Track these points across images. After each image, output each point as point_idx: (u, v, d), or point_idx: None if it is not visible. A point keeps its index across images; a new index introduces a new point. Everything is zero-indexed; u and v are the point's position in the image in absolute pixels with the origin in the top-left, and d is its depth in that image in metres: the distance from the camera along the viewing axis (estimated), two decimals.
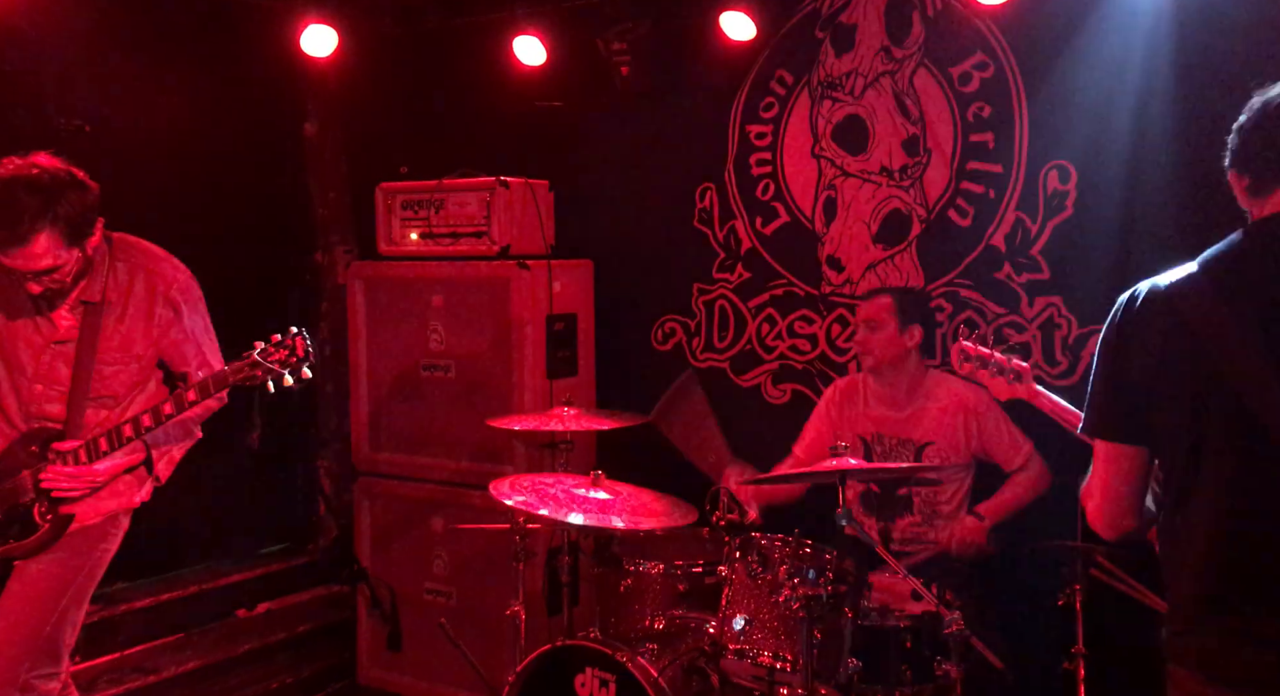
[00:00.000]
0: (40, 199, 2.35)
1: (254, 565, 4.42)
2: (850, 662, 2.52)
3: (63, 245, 2.41)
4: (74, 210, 2.40)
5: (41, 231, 2.36)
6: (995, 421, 3.17)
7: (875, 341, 3.21)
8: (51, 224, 2.37)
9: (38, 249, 2.37)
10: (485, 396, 3.92)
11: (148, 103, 3.98)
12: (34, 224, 2.34)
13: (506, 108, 4.30)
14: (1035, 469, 3.17)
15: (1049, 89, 3.37)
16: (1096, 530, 1.86)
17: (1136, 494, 1.79)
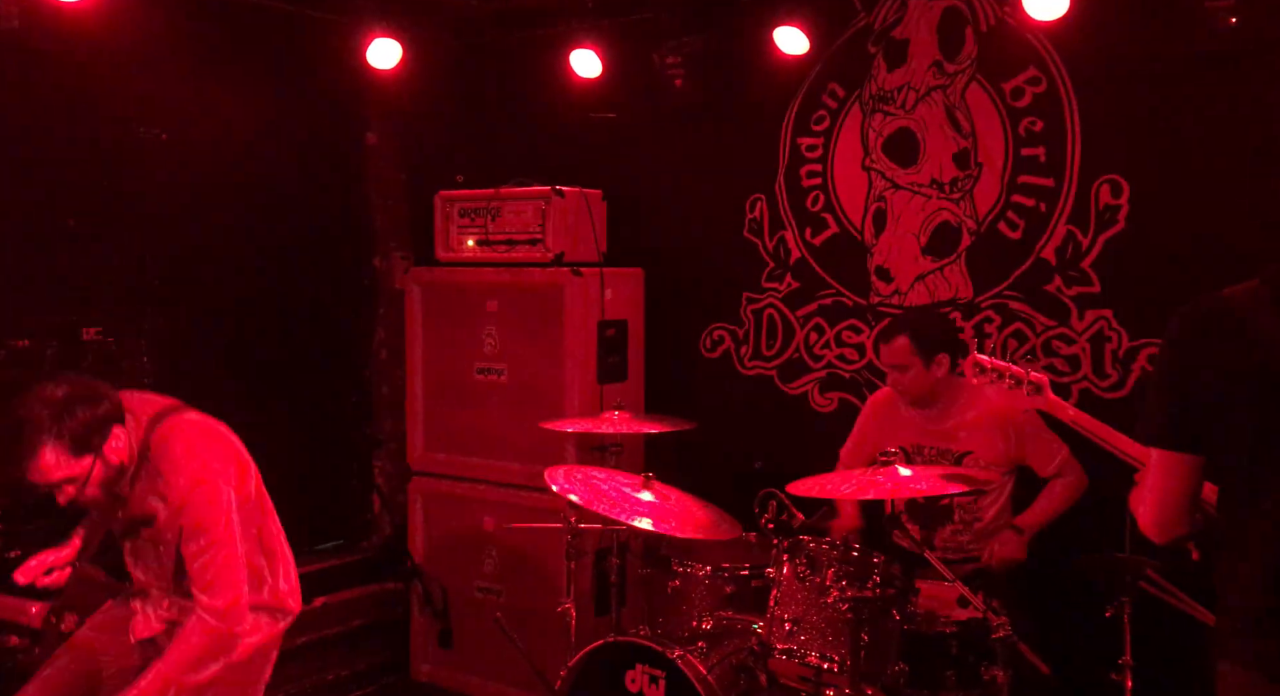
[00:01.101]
0: (48, 412, 2.43)
1: (310, 561, 4.52)
2: (897, 666, 2.56)
3: (69, 456, 2.44)
4: (79, 422, 2.44)
5: (45, 444, 2.42)
6: (1031, 427, 3.18)
7: (906, 381, 3.24)
8: (56, 437, 2.42)
9: (44, 462, 2.43)
10: (537, 399, 4.01)
11: (221, 113, 4.15)
12: (38, 436, 2.41)
13: (562, 118, 4.40)
14: (1072, 474, 3.19)
15: (1102, 103, 3.40)
16: (1147, 535, 1.90)
17: (1189, 502, 1.83)
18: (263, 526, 2.74)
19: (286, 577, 2.78)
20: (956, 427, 3.26)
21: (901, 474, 2.61)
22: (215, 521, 2.52)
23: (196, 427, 2.65)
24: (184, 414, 2.68)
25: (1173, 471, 1.82)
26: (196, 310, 4.21)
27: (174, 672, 2.48)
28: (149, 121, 4.00)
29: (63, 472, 2.45)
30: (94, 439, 2.47)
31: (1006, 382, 2.51)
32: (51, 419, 2.41)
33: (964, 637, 2.64)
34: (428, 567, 4.31)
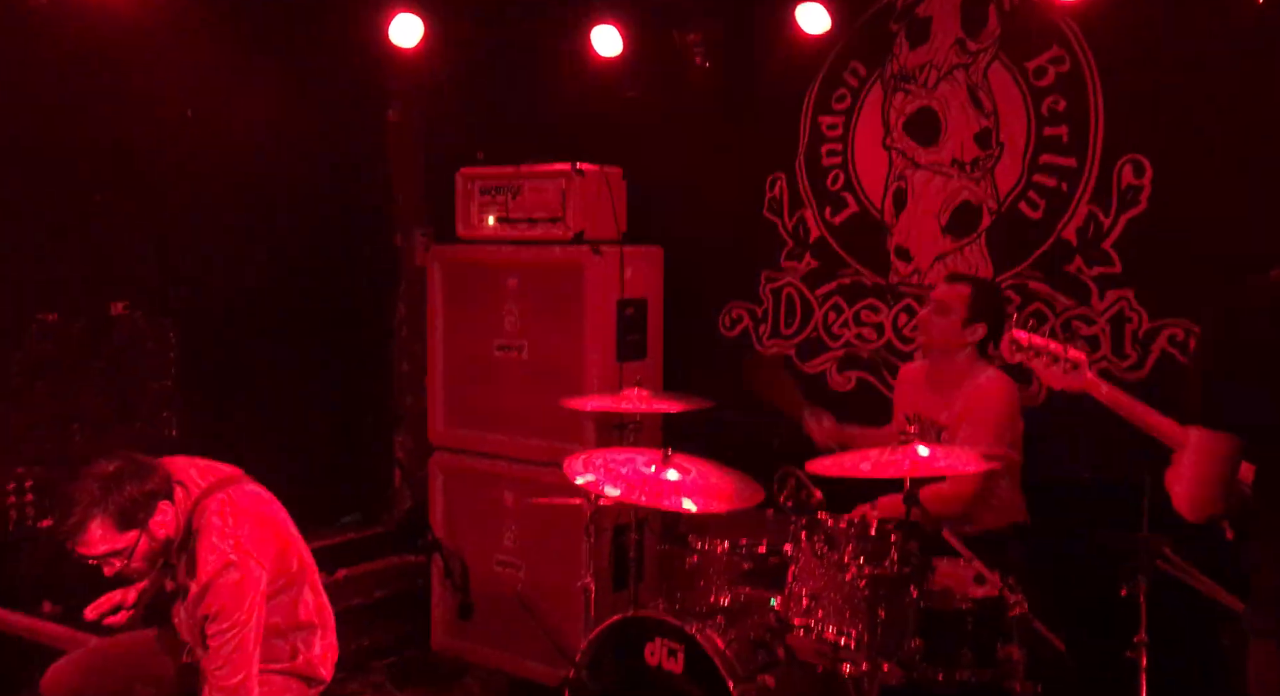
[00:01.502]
0: (96, 487, 2.51)
1: (332, 534, 4.61)
2: (913, 642, 2.59)
3: (115, 531, 2.52)
4: (126, 497, 2.52)
5: (93, 519, 2.50)
6: (993, 414, 3.11)
7: (936, 325, 3.24)
8: (103, 512, 2.50)
9: (91, 536, 2.50)
10: (556, 377, 4.05)
11: (245, 91, 4.18)
12: (86, 511, 2.49)
13: (583, 96, 4.40)
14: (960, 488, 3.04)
15: (1126, 84, 3.38)
16: (1183, 513, 1.91)
17: (1227, 481, 1.85)
18: (298, 600, 2.81)
19: (324, 648, 2.86)
20: (947, 402, 3.25)
21: (920, 453, 2.63)
22: (237, 605, 2.58)
23: (239, 506, 2.70)
24: (233, 489, 2.74)
25: (1211, 451, 1.83)
26: (221, 286, 4.26)
27: None
28: (174, 99, 4.04)
29: (107, 546, 2.53)
30: (140, 514, 2.55)
31: (1044, 360, 2.49)
32: (100, 493, 2.50)
33: (980, 615, 2.67)
34: (448, 542, 4.37)
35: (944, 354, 3.28)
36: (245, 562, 2.60)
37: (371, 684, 4.15)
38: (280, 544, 2.76)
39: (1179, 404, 1.90)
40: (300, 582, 2.82)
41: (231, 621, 2.57)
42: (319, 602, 2.90)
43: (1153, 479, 2.79)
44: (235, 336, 4.33)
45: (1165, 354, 3.34)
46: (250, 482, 2.83)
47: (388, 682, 4.16)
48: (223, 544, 2.61)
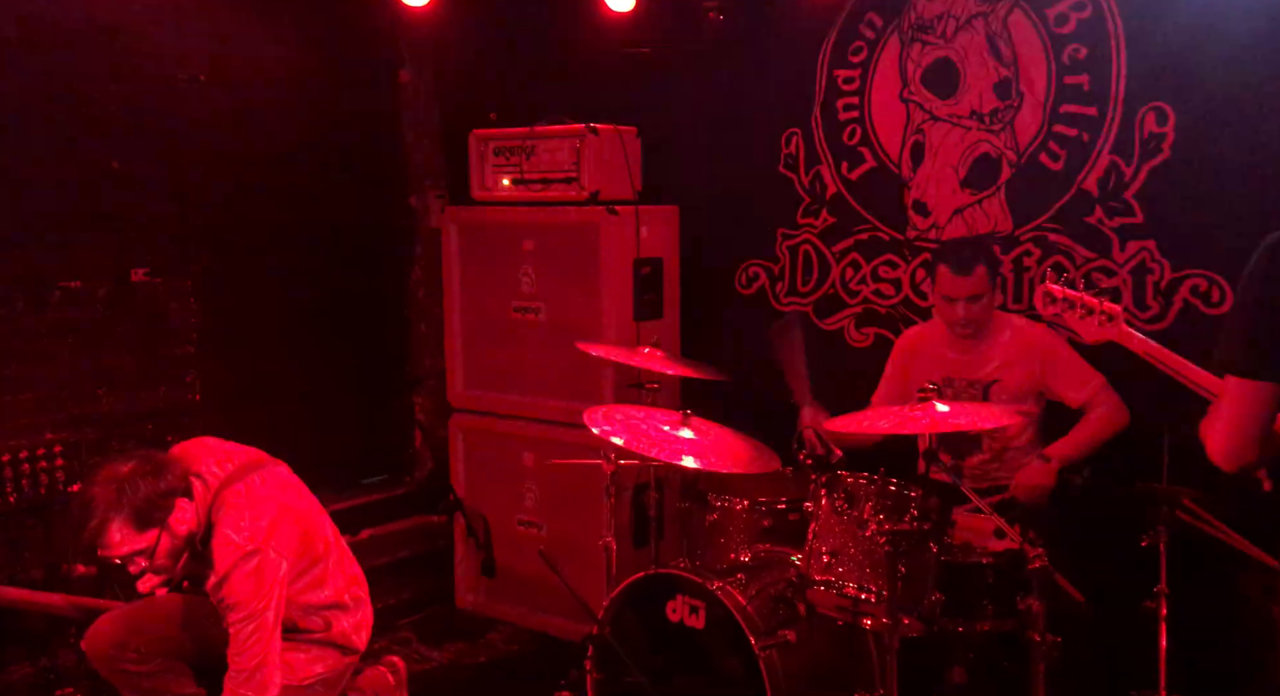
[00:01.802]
0: (112, 489, 2.51)
1: (356, 495, 4.67)
2: (934, 596, 2.61)
3: (134, 531, 2.53)
4: (140, 497, 2.52)
5: (111, 521, 2.51)
6: (1060, 354, 3.18)
7: (978, 310, 3.21)
8: (120, 514, 2.51)
9: (111, 539, 2.52)
10: (574, 337, 4.02)
11: (255, 52, 4.16)
12: (104, 513, 2.50)
13: (595, 54, 4.36)
14: (1109, 405, 3.16)
15: (1149, 30, 3.31)
16: (1217, 462, 1.91)
17: (1263, 429, 1.85)
18: (326, 579, 2.84)
19: (358, 620, 2.93)
20: (985, 356, 3.27)
21: (939, 409, 2.63)
22: (255, 595, 2.61)
23: (258, 495, 2.72)
24: (253, 477, 2.75)
25: (1248, 399, 1.83)
26: (239, 250, 4.28)
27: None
28: (186, 63, 4.02)
29: (129, 547, 2.56)
30: (157, 513, 2.58)
31: (1078, 313, 2.49)
32: (116, 495, 2.52)
33: (1000, 568, 2.69)
34: (469, 502, 4.42)
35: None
36: (264, 552, 2.63)
37: (399, 640, 4.23)
38: (303, 527, 2.79)
39: (1216, 352, 1.87)
40: (327, 562, 2.86)
41: (248, 611, 2.61)
42: (350, 577, 2.95)
43: (1172, 430, 2.82)
44: (255, 300, 4.35)
45: (1188, 304, 3.31)
46: (273, 466, 2.85)
47: (415, 639, 4.24)
48: (238, 536, 2.63)
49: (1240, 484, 2.38)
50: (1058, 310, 2.56)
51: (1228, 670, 3.02)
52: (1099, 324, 2.51)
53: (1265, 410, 1.82)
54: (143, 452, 2.67)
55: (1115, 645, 2.97)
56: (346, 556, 3.00)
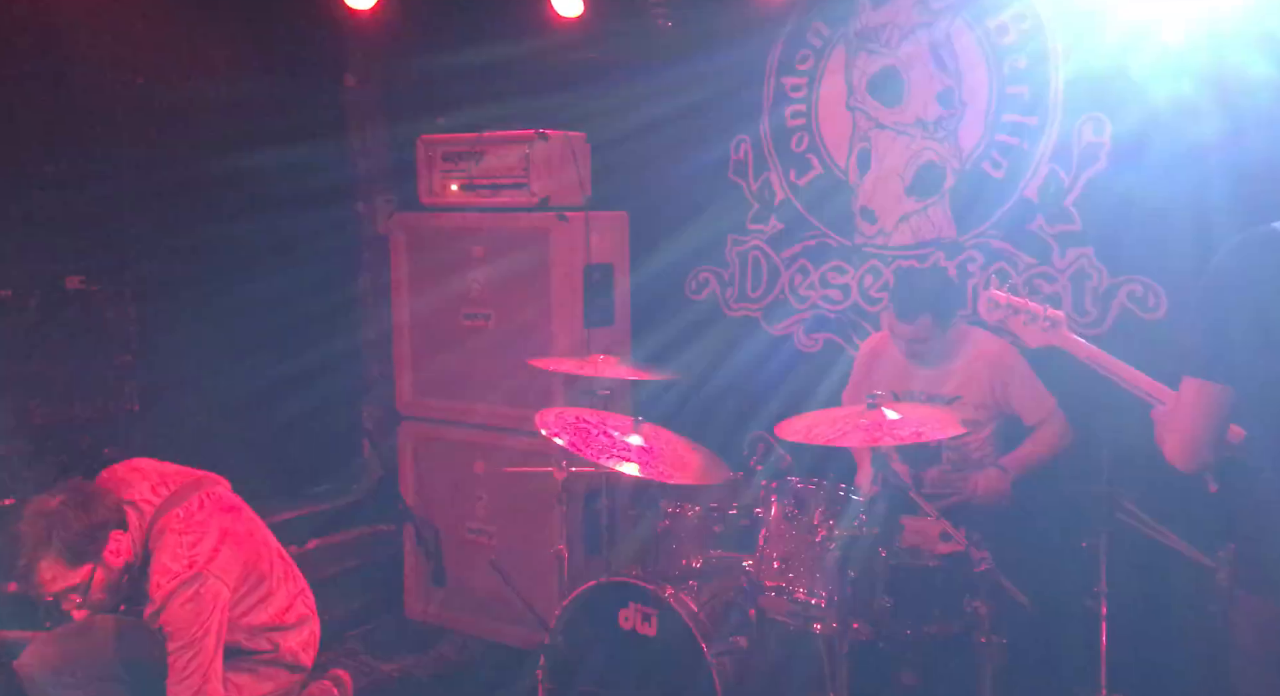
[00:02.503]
0: (41, 525, 2.45)
1: (303, 504, 4.59)
2: (882, 600, 2.65)
3: (65, 568, 2.48)
4: (71, 532, 2.46)
5: (41, 560, 2.45)
6: (1021, 375, 3.24)
7: (924, 349, 3.26)
8: (50, 551, 2.45)
9: (43, 577, 2.47)
10: (524, 344, 4.03)
11: (196, 56, 4.08)
12: (35, 553, 2.44)
13: (544, 59, 4.34)
14: (1058, 424, 3.24)
15: (1087, 41, 3.39)
16: (1175, 463, 1.94)
17: (1220, 431, 1.88)
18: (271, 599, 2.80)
19: (305, 638, 2.90)
20: (948, 372, 3.30)
21: (888, 417, 2.66)
22: (192, 622, 2.56)
23: (195, 521, 2.66)
24: (191, 501, 2.69)
25: (1208, 401, 1.86)
26: (181, 257, 4.19)
27: None
28: (123, 66, 3.93)
29: (62, 584, 2.49)
30: (91, 547, 2.51)
31: (1022, 318, 2.51)
32: (45, 532, 2.45)
33: (947, 571, 2.73)
34: (419, 510, 4.37)
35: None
36: (204, 579, 2.58)
37: (346, 651, 4.17)
38: (246, 549, 2.73)
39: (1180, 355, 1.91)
40: (271, 580, 2.81)
41: (186, 639, 2.55)
42: (296, 592, 2.90)
43: (1112, 435, 2.89)
44: (197, 308, 4.26)
45: (1125, 310, 3.40)
46: (211, 485, 2.78)
47: (363, 650, 4.19)
48: (175, 564, 2.57)
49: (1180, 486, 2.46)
50: (1001, 316, 2.58)
51: (1167, 666, 3.10)
52: (1042, 329, 2.54)
53: (1222, 412, 1.86)
54: (73, 483, 2.59)
55: (1059, 644, 3.03)
56: (292, 571, 2.95)
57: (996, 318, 2.60)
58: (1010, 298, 2.58)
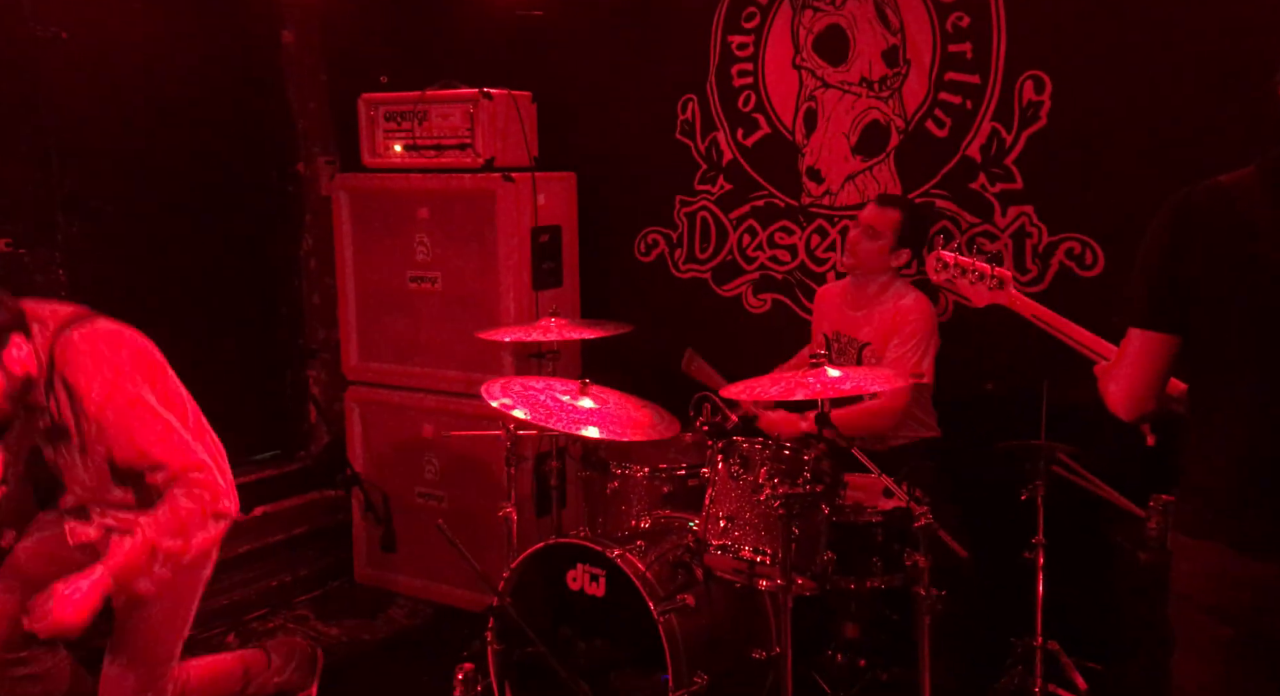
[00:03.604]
0: None
1: (249, 471, 4.53)
2: (826, 556, 2.69)
3: None
4: None
5: None
6: (906, 336, 3.23)
7: (864, 248, 3.31)
8: None
9: None
10: (472, 307, 4.00)
11: (126, 10, 3.92)
12: None
13: (489, 16, 4.26)
14: (894, 405, 3.18)
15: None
16: (1116, 412, 1.99)
17: (1162, 380, 1.93)
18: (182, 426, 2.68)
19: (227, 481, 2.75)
20: (868, 318, 3.38)
21: (830, 374, 2.69)
22: (143, 425, 2.46)
23: (105, 334, 2.55)
24: (94, 322, 2.57)
25: (1151, 351, 1.90)
26: (113, 219, 4.06)
27: (156, 533, 2.46)
28: (45, 19, 3.77)
29: None
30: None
31: (970, 278, 2.53)
32: None
33: (889, 526, 2.78)
34: (368, 475, 4.34)
35: (866, 276, 3.36)
36: (129, 387, 2.48)
37: (296, 617, 4.16)
38: (155, 368, 2.63)
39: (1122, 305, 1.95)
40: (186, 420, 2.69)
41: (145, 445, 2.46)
42: (209, 433, 2.79)
43: (1050, 388, 2.94)
44: (131, 271, 4.14)
45: (1063, 267, 3.45)
46: (104, 318, 2.65)
47: (312, 616, 4.17)
48: (100, 374, 2.46)
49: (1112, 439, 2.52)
50: (949, 276, 2.59)
51: (1100, 614, 3.20)
52: (989, 288, 2.55)
53: (1165, 361, 1.91)
54: None
55: (996, 595, 3.12)
56: (202, 419, 2.82)
57: (944, 278, 2.61)
58: (958, 257, 2.59)
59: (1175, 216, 1.86)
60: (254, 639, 3.93)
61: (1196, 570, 1.87)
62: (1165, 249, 1.86)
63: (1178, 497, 1.96)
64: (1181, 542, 1.90)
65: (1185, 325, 1.87)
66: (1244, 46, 3.07)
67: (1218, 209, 1.82)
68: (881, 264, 3.34)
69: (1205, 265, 1.82)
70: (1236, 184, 1.83)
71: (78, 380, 2.46)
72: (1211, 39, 3.14)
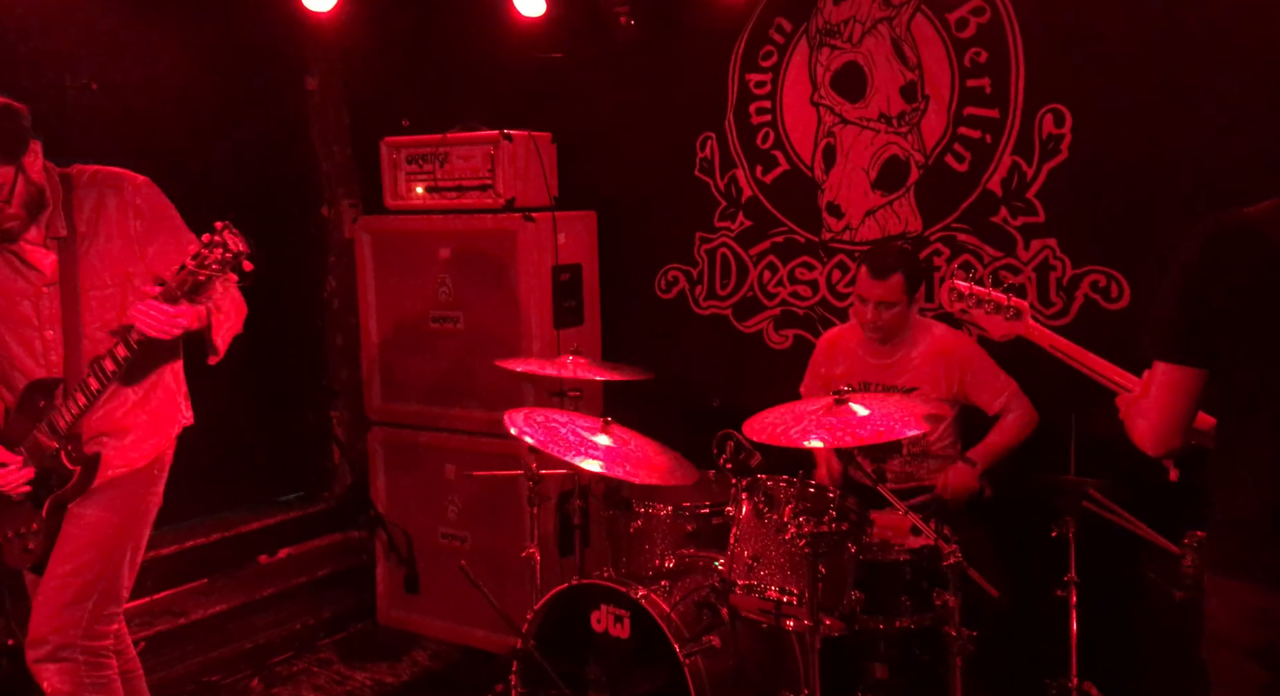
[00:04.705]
0: None
1: (272, 512, 4.56)
2: (853, 595, 2.65)
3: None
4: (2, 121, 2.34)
5: None
6: (978, 365, 3.25)
7: (887, 318, 3.26)
8: None
9: None
10: (494, 346, 4.01)
11: (153, 60, 4.02)
12: None
13: (507, 59, 4.32)
14: (1021, 409, 3.26)
15: (1045, 33, 3.41)
16: (1144, 448, 1.94)
17: (1190, 415, 1.88)
18: None
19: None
20: (904, 363, 3.32)
21: (857, 412, 2.66)
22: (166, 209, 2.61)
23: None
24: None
25: (1178, 385, 1.86)
26: None
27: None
28: (77, 71, 3.86)
29: None
30: (16, 146, 2.36)
31: (986, 308, 2.49)
32: None
33: (917, 564, 2.73)
34: (391, 516, 4.33)
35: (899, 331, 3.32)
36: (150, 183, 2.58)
37: (319, 660, 4.13)
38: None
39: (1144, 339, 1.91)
40: None
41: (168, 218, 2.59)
42: None
43: (1078, 423, 2.90)
44: None
45: (1088, 300, 3.42)
46: None
47: (337, 659, 4.15)
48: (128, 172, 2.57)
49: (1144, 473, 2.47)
50: (965, 306, 2.55)
51: (1135, 653, 3.12)
52: (1006, 319, 2.51)
53: (1193, 396, 1.86)
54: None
55: (1029, 634, 3.05)
56: None
57: (960, 308, 2.58)
58: (974, 287, 2.56)
59: (1203, 248, 1.83)
60: (279, 683, 3.91)
61: (1231, 610, 1.82)
62: (1193, 281, 1.83)
63: (1209, 535, 1.91)
64: (1215, 582, 1.85)
65: (1214, 358, 1.84)
66: (1266, 77, 3.06)
67: (1247, 240, 1.80)
68: (906, 319, 3.30)
69: (1235, 297, 1.79)
70: (1265, 214, 1.81)
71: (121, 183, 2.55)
72: (1234, 70, 3.13)
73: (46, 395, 2.58)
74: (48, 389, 2.58)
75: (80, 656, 2.56)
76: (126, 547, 2.66)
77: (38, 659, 2.55)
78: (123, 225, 2.57)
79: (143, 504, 2.70)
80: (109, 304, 2.58)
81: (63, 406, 2.54)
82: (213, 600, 4.10)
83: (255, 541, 4.42)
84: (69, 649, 2.54)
